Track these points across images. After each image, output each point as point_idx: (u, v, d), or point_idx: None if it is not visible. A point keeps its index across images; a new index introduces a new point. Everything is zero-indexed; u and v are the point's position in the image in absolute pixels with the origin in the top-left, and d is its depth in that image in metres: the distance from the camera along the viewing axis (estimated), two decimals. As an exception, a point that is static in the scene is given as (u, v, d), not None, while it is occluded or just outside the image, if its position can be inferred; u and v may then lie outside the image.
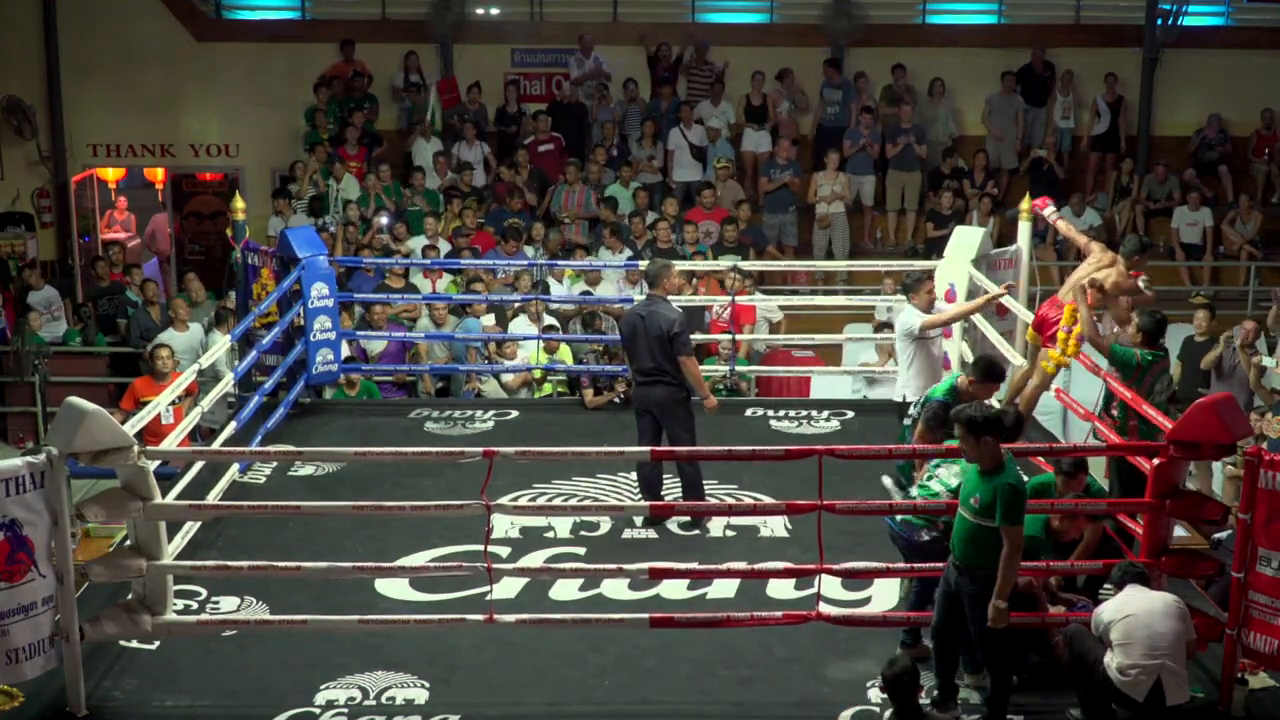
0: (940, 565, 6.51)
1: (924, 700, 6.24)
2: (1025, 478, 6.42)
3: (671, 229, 13.76)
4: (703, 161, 15.74)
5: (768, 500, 8.56)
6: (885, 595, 7.46)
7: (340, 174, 14.90)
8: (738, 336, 11.62)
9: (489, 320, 12.42)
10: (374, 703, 6.55)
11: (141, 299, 13.88)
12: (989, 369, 7.67)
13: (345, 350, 11.40)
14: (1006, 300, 9.97)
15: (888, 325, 12.45)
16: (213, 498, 8.47)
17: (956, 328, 10.35)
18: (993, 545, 6.09)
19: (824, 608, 6.88)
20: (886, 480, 7.45)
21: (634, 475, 9.13)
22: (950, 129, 16.40)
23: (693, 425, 8.54)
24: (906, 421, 7.95)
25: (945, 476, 6.84)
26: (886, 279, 12.27)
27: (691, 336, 11.51)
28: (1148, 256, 8.62)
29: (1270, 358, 12.04)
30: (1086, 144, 16.68)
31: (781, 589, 7.53)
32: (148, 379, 10.71)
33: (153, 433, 9.56)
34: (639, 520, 8.52)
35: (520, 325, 12.12)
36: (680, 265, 12.30)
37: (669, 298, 8.71)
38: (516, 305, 12.15)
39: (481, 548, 6.85)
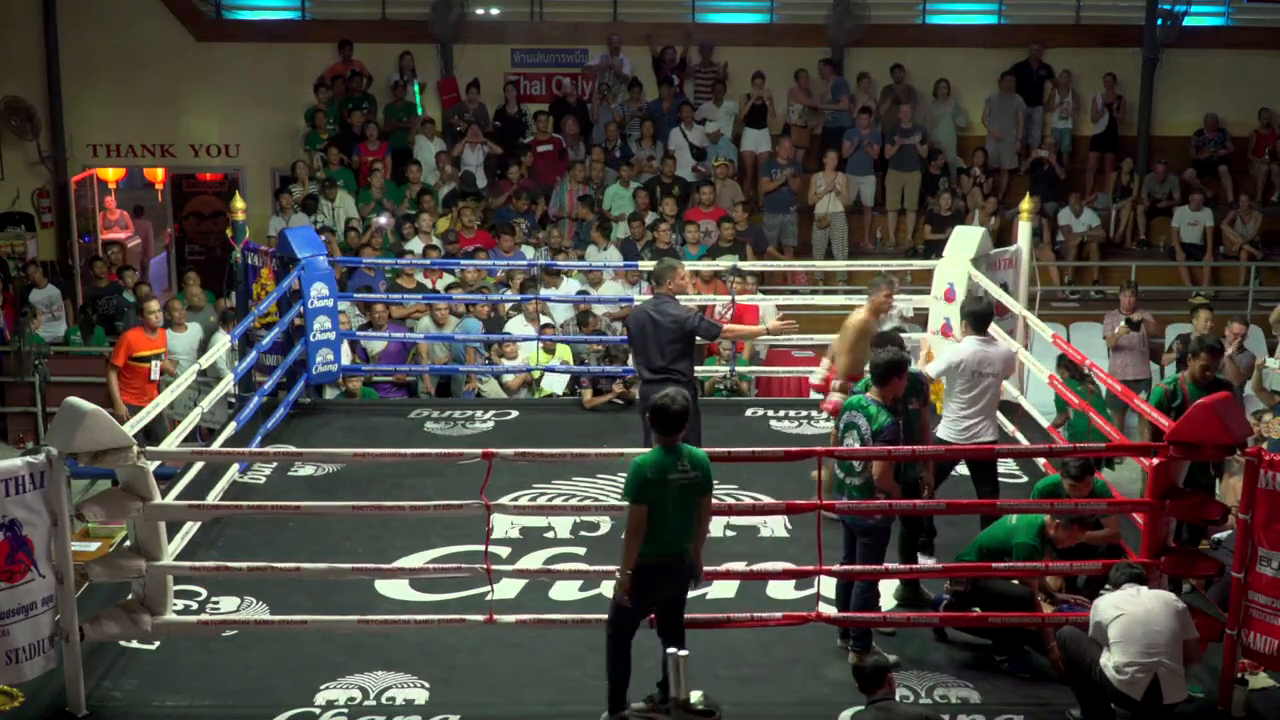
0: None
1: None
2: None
3: (671, 229, 13.76)
4: (701, 161, 15.75)
5: (768, 500, 8.56)
6: (884, 595, 7.45)
7: (333, 194, 14.86)
8: (738, 337, 11.60)
9: (519, 323, 12.35)
10: (374, 703, 6.56)
11: (135, 300, 13.88)
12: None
13: (347, 353, 11.40)
14: (1006, 299, 9.99)
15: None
16: (213, 498, 8.47)
17: (956, 325, 10.35)
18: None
19: (824, 608, 6.89)
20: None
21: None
22: (960, 123, 16.40)
23: (699, 425, 8.53)
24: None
25: None
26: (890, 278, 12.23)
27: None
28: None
29: (1273, 358, 12.04)
30: (1085, 144, 16.68)
31: (781, 589, 7.54)
32: (139, 331, 10.70)
33: (141, 392, 10.19)
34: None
35: (518, 325, 12.11)
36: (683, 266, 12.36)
37: (676, 298, 8.68)
38: (513, 305, 12.15)
39: (481, 548, 6.85)
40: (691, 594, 7.50)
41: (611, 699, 6.29)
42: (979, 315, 8.17)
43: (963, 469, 8.28)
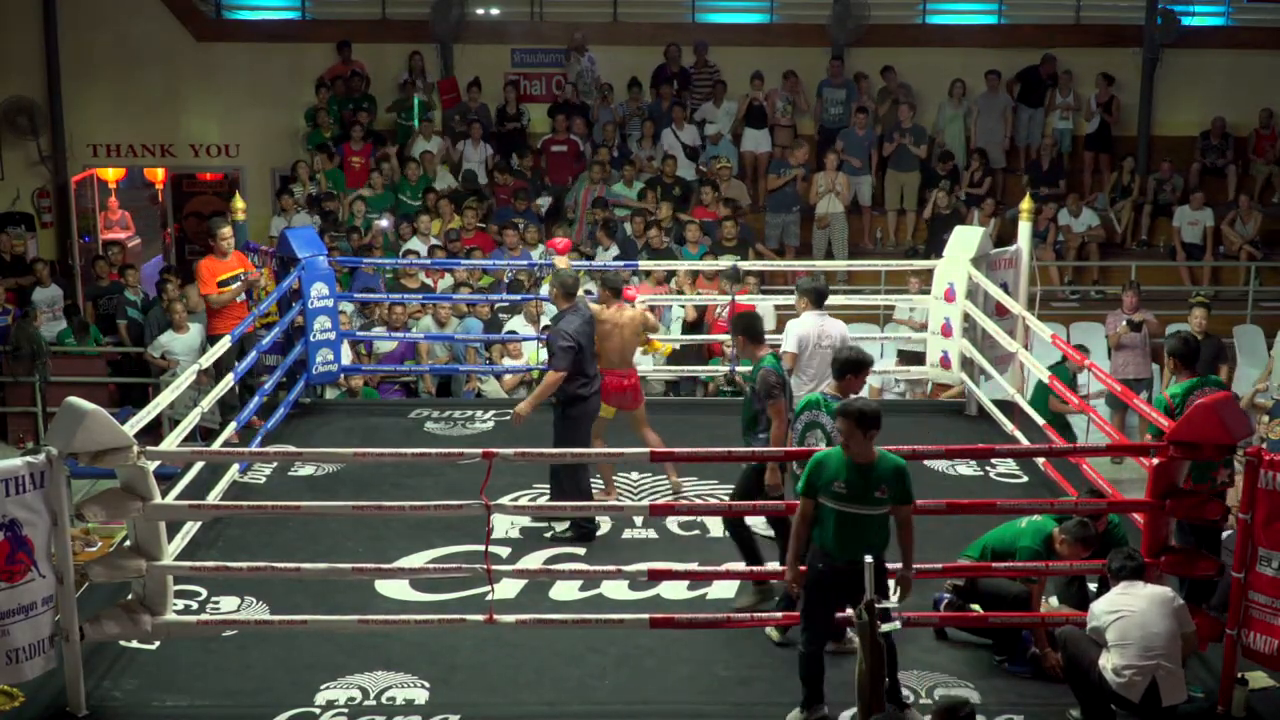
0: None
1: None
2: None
3: (665, 231, 13.75)
4: (697, 161, 15.73)
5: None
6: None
7: (336, 207, 14.90)
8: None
9: (518, 323, 12.36)
10: (374, 703, 6.56)
11: (141, 299, 13.89)
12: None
13: (347, 353, 11.40)
14: (1006, 300, 9.98)
15: (923, 326, 12.43)
16: (213, 498, 8.47)
17: (956, 325, 10.36)
18: None
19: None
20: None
21: (634, 475, 9.19)
22: (970, 125, 16.41)
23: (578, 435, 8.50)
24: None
25: None
26: (913, 278, 12.24)
27: (694, 336, 11.56)
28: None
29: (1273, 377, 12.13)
30: (1084, 144, 16.67)
31: (781, 589, 7.52)
32: (212, 259, 10.66)
33: (231, 314, 10.35)
34: (639, 520, 8.53)
35: (518, 325, 12.12)
36: (682, 265, 12.36)
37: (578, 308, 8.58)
38: (514, 304, 12.16)
39: (481, 548, 6.85)
40: (693, 593, 7.57)
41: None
42: (818, 291, 8.42)
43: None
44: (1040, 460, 9.16)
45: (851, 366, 7.09)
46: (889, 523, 6.27)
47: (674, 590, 7.54)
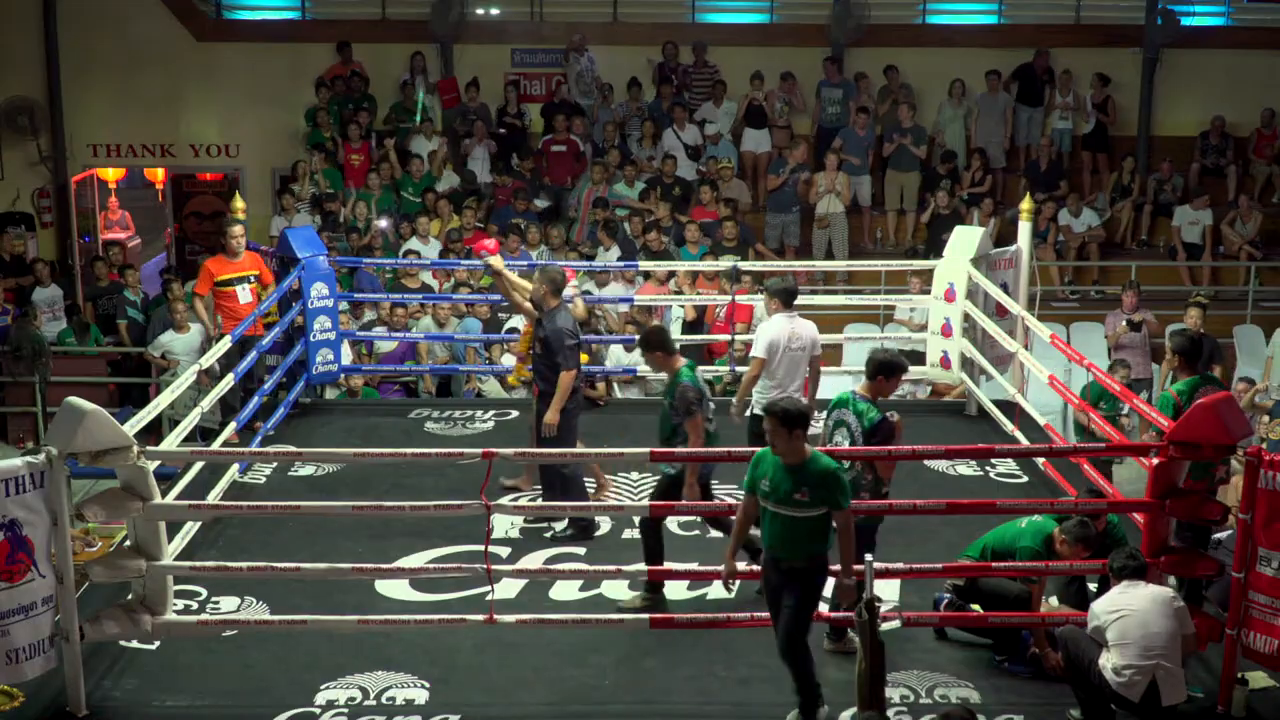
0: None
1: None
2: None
3: (664, 231, 13.73)
4: (697, 161, 15.74)
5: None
6: (886, 595, 7.44)
7: (336, 208, 14.92)
8: (738, 338, 11.59)
9: (518, 322, 12.34)
10: (374, 703, 6.56)
11: (141, 299, 13.87)
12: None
13: (348, 353, 11.40)
14: (1005, 300, 9.98)
15: (923, 327, 12.44)
16: (213, 498, 8.47)
17: (956, 325, 10.36)
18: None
19: (823, 608, 6.87)
20: None
21: (633, 476, 9.17)
22: (968, 129, 16.40)
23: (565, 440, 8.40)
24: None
25: None
26: (913, 278, 12.23)
27: (694, 336, 11.57)
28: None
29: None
30: (1078, 144, 16.68)
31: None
32: (220, 258, 10.62)
33: (231, 315, 10.31)
34: (639, 520, 8.51)
35: (518, 324, 12.10)
36: (681, 266, 12.37)
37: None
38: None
39: (481, 548, 6.85)
40: (693, 593, 7.57)
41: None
42: (788, 291, 8.47)
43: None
44: (1040, 460, 9.17)
45: (885, 369, 7.04)
46: (824, 526, 6.20)
47: (674, 590, 7.53)
